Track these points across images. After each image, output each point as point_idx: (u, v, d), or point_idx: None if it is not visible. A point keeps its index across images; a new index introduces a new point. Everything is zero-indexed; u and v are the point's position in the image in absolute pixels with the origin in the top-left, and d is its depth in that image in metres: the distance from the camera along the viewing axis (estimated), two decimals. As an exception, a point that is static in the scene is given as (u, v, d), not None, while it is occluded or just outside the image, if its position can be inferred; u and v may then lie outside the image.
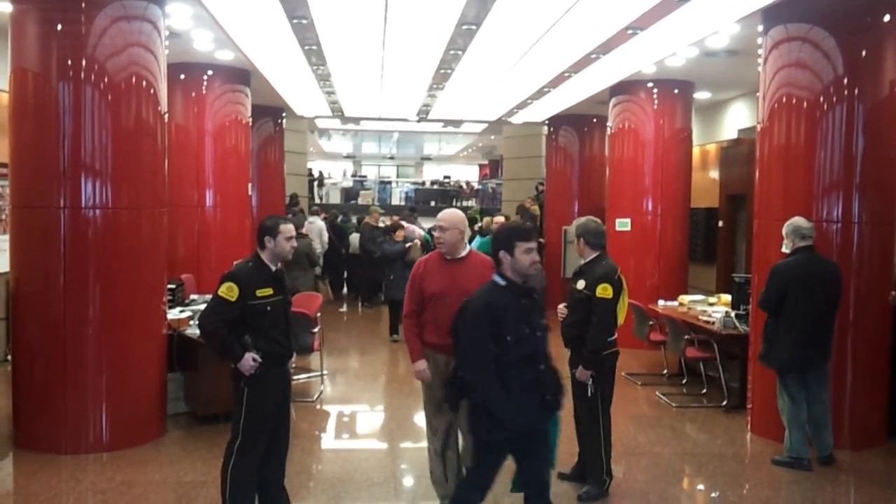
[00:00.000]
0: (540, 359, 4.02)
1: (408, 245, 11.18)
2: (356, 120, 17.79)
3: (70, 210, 6.09)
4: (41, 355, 6.20)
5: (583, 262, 5.56)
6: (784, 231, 6.17)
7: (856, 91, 6.44)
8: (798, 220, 6.15)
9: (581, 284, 5.43)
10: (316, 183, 26.00)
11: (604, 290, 5.28)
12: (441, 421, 4.99)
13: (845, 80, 6.46)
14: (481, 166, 40.45)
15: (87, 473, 5.84)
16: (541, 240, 12.12)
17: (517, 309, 4.00)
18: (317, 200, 23.16)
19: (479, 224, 14.60)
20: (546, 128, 15.26)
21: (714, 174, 13.06)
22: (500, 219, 10.86)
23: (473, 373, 4.03)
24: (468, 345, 4.08)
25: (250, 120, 11.12)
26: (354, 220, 17.34)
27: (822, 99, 6.53)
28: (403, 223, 12.27)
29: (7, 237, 6.72)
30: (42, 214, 6.14)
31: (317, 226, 14.00)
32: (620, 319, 5.44)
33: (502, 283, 4.05)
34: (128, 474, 5.79)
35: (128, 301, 6.32)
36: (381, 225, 13.35)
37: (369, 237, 13.32)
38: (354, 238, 15.26)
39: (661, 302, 9.26)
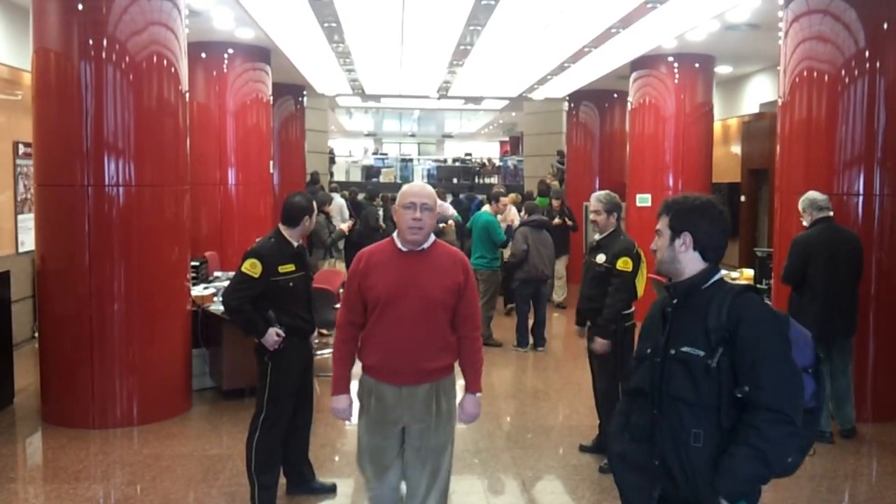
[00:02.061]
0: (654, 398, 2.67)
1: (441, 225, 10.82)
2: (377, 98, 17.79)
3: (94, 188, 6.17)
4: (68, 332, 6.30)
5: (598, 236, 5.65)
6: (800, 206, 6.15)
7: (877, 64, 6.38)
8: (812, 193, 6.15)
9: (601, 258, 5.51)
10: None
11: (625, 264, 5.40)
12: (383, 483, 3.80)
13: (867, 53, 6.40)
14: (502, 143, 40.31)
15: (115, 447, 5.96)
16: (569, 222, 11.78)
17: (656, 317, 2.80)
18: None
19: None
20: (566, 104, 15.21)
21: (736, 149, 12.99)
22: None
23: None
24: None
25: (271, 98, 11.18)
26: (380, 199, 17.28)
27: (843, 72, 6.47)
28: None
29: (32, 216, 6.83)
30: (66, 193, 6.22)
31: (337, 203, 14.04)
32: (640, 292, 5.53)
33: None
34: (155, 448, 5.91)
35: (152, 278, 6.40)
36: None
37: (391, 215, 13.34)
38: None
39: (682, 277, 9.23)
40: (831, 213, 6.09)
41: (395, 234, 3.70)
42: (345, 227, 10.29)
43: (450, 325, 3.73)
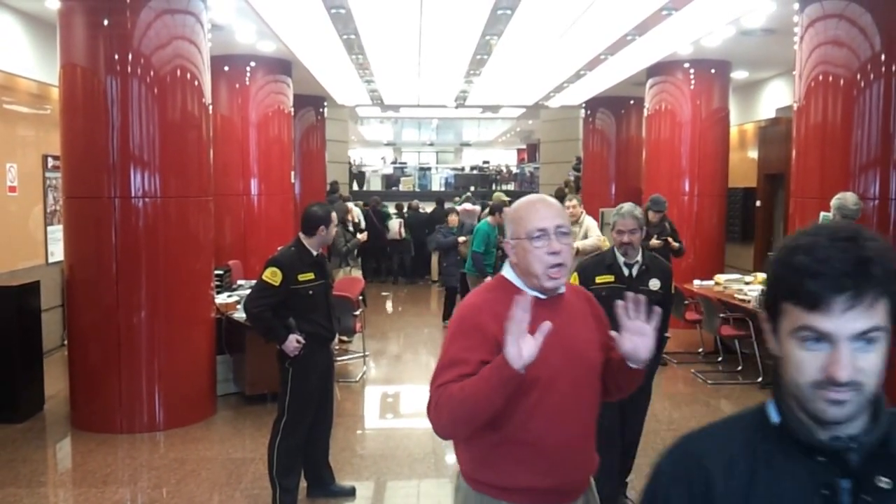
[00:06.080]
0: None
1: (462, 240, 10.62)
2: (396, 108, 17.93)
3: (120, 199, 6.32)
4: (96, 340, 6.46)
5: (626, 259, 4.58)
6: (831, 203, 6.09)
7: (893, 68, 6.38)
8: (846, 198, 6.02)
9: (655, 284, 4.58)
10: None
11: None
12: None
13: (882, 57, 6.42)
14: (520, 151, 40.37)
15: (142, 451, 6.10)
16: (675, 243, 8.36)
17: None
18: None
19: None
20: (583, 111, 15.27)
21: (752, 154, 12.98)
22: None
23: None
24: None
25: (292, 109, 11.34)
26: (392, 208, 17.43)
27: (859, 76, 6.50)
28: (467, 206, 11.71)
29: (61, 227, 6.99)
30: (94, 204, 6.38)
31: (354, 213, 14.12)
32: None
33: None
34: (180, 452, 6.04)
35: (177, 287, 6.54)
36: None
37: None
38: (393, 224, 15.65)
39: (696, 282, 9.29)
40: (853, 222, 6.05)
41: (509, 273, 2.42)
42: (361, 237, 10.40)
43: None
